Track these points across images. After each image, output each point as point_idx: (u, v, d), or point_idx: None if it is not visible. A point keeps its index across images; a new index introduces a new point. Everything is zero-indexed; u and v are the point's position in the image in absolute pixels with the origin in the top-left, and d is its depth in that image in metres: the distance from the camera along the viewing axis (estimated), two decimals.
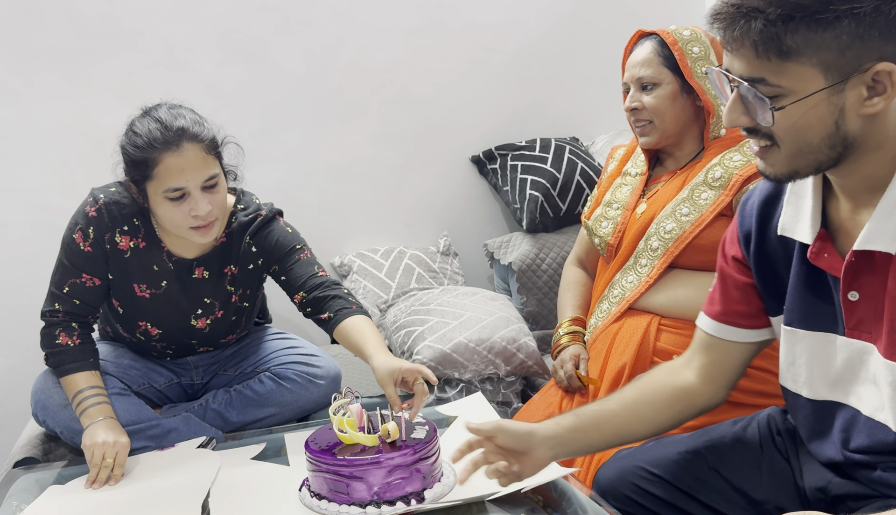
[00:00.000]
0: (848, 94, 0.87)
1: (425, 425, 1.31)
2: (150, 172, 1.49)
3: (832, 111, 0.88)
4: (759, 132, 0.94)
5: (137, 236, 1.62)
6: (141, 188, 1.54)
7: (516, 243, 2.47)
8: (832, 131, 0.89)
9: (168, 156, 1.48)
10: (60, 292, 1.62)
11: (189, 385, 1.83)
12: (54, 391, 1.63)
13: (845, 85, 0.87)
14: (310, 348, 1.86)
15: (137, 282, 1.65)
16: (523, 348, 1.97)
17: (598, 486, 1.27)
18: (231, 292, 1.72)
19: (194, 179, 1.50)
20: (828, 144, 0.91)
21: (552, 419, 1.18)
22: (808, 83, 0.87)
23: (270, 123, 2.46)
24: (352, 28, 2.48)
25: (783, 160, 0.94)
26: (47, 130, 2.26)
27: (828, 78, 0.87)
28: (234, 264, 1.70)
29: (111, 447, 1.46)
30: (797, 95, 0.88)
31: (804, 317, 1.07)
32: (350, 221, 2.58)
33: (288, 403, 1.75)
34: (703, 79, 1.62)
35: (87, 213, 1.60)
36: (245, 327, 1.84)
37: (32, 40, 2.22)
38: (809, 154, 0.92)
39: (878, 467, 1.01)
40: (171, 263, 1.66)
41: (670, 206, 1.62)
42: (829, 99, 0.88)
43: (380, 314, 2.32)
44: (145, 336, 1.73)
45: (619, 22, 2.70)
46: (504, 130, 2.66)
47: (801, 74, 0.87)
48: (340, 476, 1.20)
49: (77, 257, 1.60)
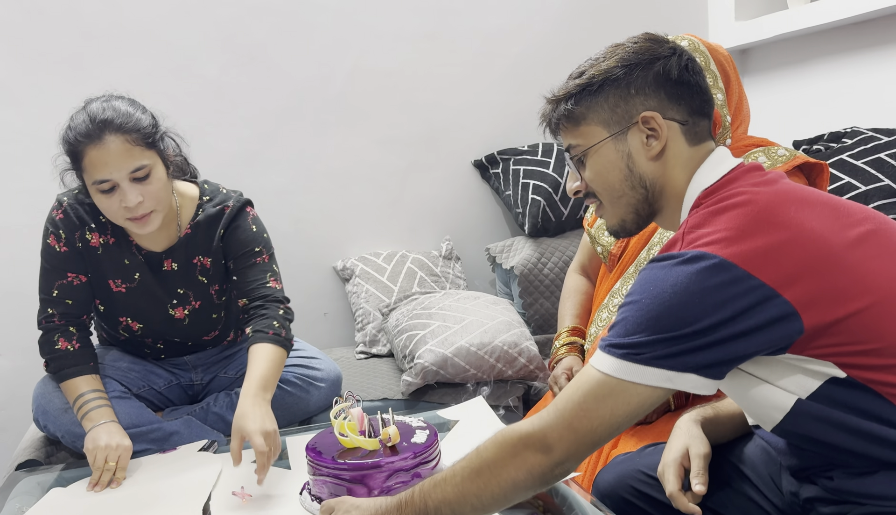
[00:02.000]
0: (630, 141, 1.09)
1: (426, 429, 1.31)
2: (81, 164, 1.51)
3: (621, 156, 1.09)
4: (589, 194, 1.15)
5: (106, 233, 1.64)
6: (82, 180, 1.55)
7: (518, 247, 2.48)
8: (627, 173, 1.09)
9: (91, 149, 1.49)
10: (50, 296, 1.63)
11: (189, 386, 1.83)
12: (54, 395, 1.63)
13: (626, 134, 1.09)
14: (310, 350, 1.87)
15: (112, 278, 1.66)
16: (525, 352, 1.97)
17: (598, 490, 1.27)
18: (205, 283, 1.71)
19: (118, 171, 1.49)
20: (628, 185, 1.10)
21: (697, 413, 1.21)
22: (594, 137, 1.11)
23: (274, 127, 2.46)
24: (355, 33, 2.49)
25: (609, 212, 1.14)
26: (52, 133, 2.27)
27: (609, 130, 1.10)
28: (204, 254, 1.69)
29: (113, 450, 1.47)
30: (589, 145, 1.11)
31: None
32: (353, 224, 2.58)
33: (289, 406, 1.75)
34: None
35: (55, 217, 1.63)
36: (229, 324, 1.82)
37: (37, 44, 2.23)
38: (621, 198, 1.11)
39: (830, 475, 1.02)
40: (140, 256, 1.67)
41: None
42: (615, 147, 1.09)
43: (382, 318, 2.32)
44: (129, 333, 1.73)
45: (621, 27, 2.69)
46: (506, 134, 2.66)
47: (589, 132, 1.11)
48: (341, 479, 1.20)
49: (56, 259, 1.62)
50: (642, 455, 1.27)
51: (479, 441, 1.04)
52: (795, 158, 1.57)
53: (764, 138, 1.66)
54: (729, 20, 2.66)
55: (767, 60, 2.61)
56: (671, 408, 1.48)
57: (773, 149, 1.60)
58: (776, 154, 1.59)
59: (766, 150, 1.60)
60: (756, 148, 1.61)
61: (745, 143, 1.64)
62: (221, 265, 1.71)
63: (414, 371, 1.93)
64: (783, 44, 2.53)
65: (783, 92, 2.53)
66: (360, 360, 2.32)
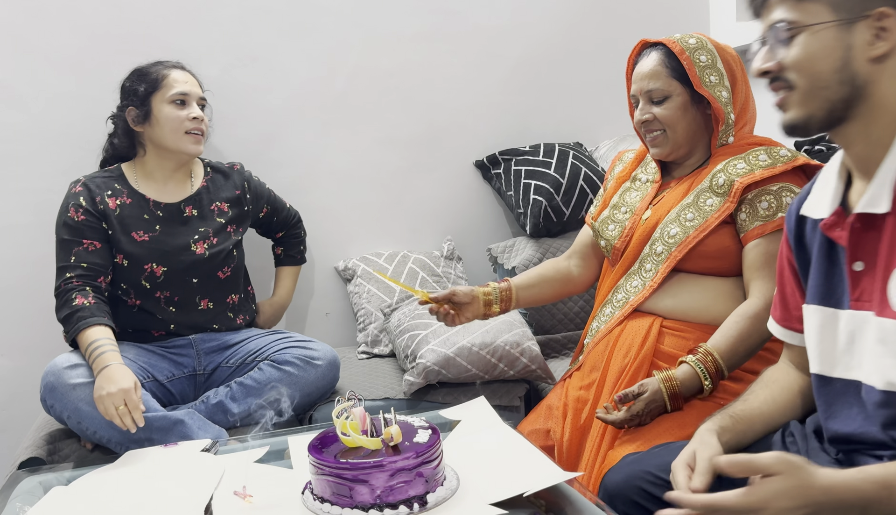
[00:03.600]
0: (855, 34, 0.98)
1: (428, 429, 1.31)
2: (159, 83, 1.90)
3: (840, 46, 0.98)
4: (779, 78, 1.04)
5: (122, 196, 1.91)
6: (144, 106, 1.90)
7: (520, 247, 2.48)
8: (840, 66, 0.99)
9: (174, 71, 1.94)
10: (68, 262, 1.81)
11: (191, 377, 1.86)
12: (63, 373, 1.67)
13: (853, 24, 0.98)
14: (305, 337, 1.97)
15: (135, 230, 1.90)
16: (527, 352, 1.97)
17: (606, 490, 1.26)
18: (223, 223, 2.01)
19: (194, 91, 1.94)
20: (837, 79, 0.99)
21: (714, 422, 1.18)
22: (817, 16, 0.99)
23: (276, 127, 2.46)
24: (357, 33, 2.49)
25: (798, 101, 1.02)
26: (54, 133, 2.28)
27: (837, 13, 0.98)
28: (222, 201, 2.02)
29: (117, 396, 1.58)
30: (808, 23, 0.99)
31: (817, 292, 1.11)
32: (354, 224, 2.58)
33: (287, 385, 1.81)
34: (713, 87, 1.61)
35: (74, 191, 1.89)
36: (238, 264, 2.04)
37: (40, 44, 2.24)
38: (823, 90, 1.00)
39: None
40: (159, 210, 1.94)
41: (675, 211, 1.63)
42: (837, 34, 0.98)
43: (383, 318, 2.32)
44: (150, 283, 1.89)
45: (623, 27, 2.70)
46: (508, 134, 2.66)
47: (812, 9, 0.99)
48: (343, 479, 1.20)
49: (73, 228, 1.84)
50: (652, 456, 1.26)
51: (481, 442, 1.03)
52: (797, 160, 1.58)
53: (768, 138, 1.66)
54: (730, 21, 2.67)
55: None
56: (667, 409, 1.48)
57: (775, 149, 1.61)
58: (778, 154, 1.59)
59: (768, 149, 1.61)
60: (758, 147, 1.62)
61: (748, 141, 1.65)
62: (242, 210, 2.06)
63: (416, 371, 1.93)
64: None
65: None
66: (362, 360, 2.32)
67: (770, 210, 1.55)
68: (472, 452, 1.40)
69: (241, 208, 2.06)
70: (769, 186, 1.56)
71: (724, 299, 1.59)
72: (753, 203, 1.56)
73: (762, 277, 1.52)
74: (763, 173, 1.55)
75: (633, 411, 1.46)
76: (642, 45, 1.69)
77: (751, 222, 1.56)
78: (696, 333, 1.58)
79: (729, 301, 1.58)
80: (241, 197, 2.07)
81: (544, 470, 1.29)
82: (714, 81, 1.62)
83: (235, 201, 2.05)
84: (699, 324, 1.59)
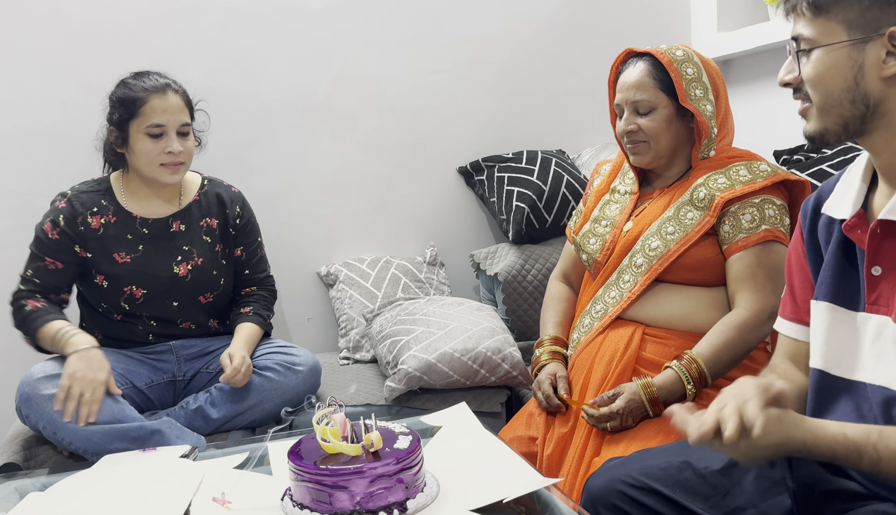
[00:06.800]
0: (868, 53, 1.00)
1: (409, 435, 1.31)
2: (137, 110, 1.78)
3: (851, 65, 1.01)
4: (801, 90, 1.07)
5: (107, 214, 1.85)
6: (123, 129, 1.80)
7: (502, 254, 2.48)
8: (851, 85, 1.01)
9: (154, 97, 1.79)
10: (26, 275, 1.82)
11: (171, 383, 1.85)
12: (38, 383, 1.65)
13: (865, 44, 1.00)
14: (286, 343, 1.96)
15: (117, 251, 1.84)
16: (508, 358, 1.97)
17: (588, 495, 1.27)
18: (209, 242, 1.93)
19: (173, 121, 1.80)
20: (848, 98, 1.02)
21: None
22: (832, 36, 1.01)
23: (258, 132, 2.46)
24: (342, 38, 2.49)
25: (815, 115, 1.05)
26: (34, 135, 2.26)
27: (849, 34, 1.00)
28: (212, 217, 1.95)
29: (88, 383, 1.59)
30: (822, 44, 1.02)
31: (829, 290, 1.11)
32: (337, 230, 2.58)
33: (268, 391, 1.81)
34: (698, 100, 1.62)
35: (57, 206, 1.83)
36: (224, 292, 1.97)
37: (21, 45, 2.22)
38: (834, 108, 1.03)
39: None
40: (144, 228, 1.87)
41: (656, 224, 1.64)
42: (849, 53, 1.01)
43: (365, 324, 2.32)
44: (130, 304, 1.85)
45: (606, 36, 2.73)
46: (491, 141, 2.67)
47: (828, 28, 1.02)
48: (323, 485, 1.19)
49: (43, 244, 1.81)
50: (633, 460, 1.26)
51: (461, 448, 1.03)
52: (777, 175, 1.60)
53: (747, 151, 1.68)
54: (711, 31, 2.69)
55: (749, 71, 2.64)
56: (650, 415, 1.49)
57: (755, 163, 1.62)
58: (758, 169, 1.61)
59: (748, 164, 1.62)
60: (739, 161, 1.63)
61: (729, 154, 1.66)
62: (228, 231, 1.96)
63: (398, 377, 1.93)
64: (765, 55, 2.56)
65: (764, 102, 2.56)
66: (344, 365, 2.31)
67: (753, 223, 1.56)
68: (453, 458, 1.40)
69: (227, 230, 1.97)
70: (751, 199, 1.58)
71: (705, 307, 1.60)
72: (737, 215, 1.58)
73: (748, 288, 1.54)
74: (743, 189, 1.57)
75: (613, 408, 1.47)
76: (627, 54, 1.69)
77: (734, 234, 1.57)
78: (678, 340, 1.59)
79: (710, 310, 1.60)
80: (230, 218, 1.97)
81: (524, 477, 1.30)
82: (699, 95, 1.63)
83: (224, 220, 1.96)
84: (681, 332, 1.61)
